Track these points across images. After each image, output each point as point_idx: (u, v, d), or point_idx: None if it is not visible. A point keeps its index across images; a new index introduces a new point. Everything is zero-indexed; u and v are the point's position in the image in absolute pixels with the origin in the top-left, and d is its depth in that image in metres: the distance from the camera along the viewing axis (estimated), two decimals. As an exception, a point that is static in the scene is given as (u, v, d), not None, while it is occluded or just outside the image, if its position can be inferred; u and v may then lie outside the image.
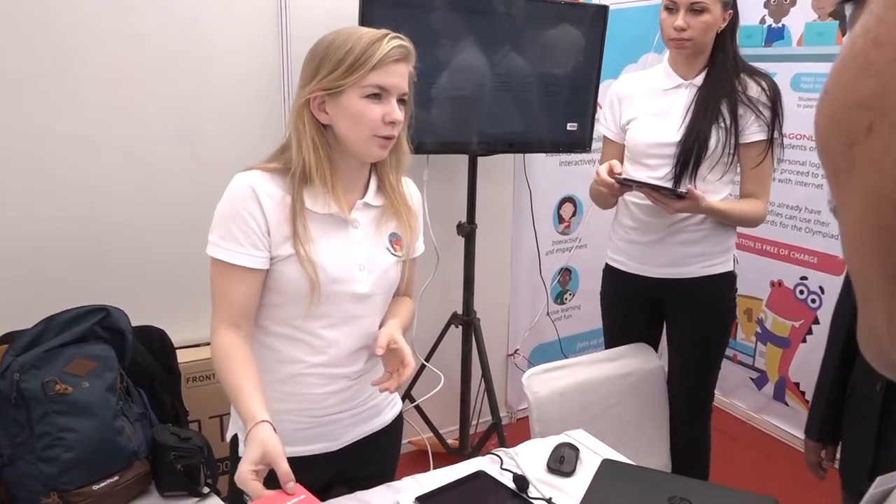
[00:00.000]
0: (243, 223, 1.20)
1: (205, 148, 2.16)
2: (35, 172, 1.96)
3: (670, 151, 1.87)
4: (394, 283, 1.35)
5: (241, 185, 1.21)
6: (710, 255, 1.94)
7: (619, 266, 2.05)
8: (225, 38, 2.15)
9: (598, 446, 1.53)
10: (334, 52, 1.19)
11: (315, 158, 1.21)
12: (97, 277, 2.06)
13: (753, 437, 3.09)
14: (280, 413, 1.29)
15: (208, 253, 1.23)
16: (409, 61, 1.24)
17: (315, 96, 1.21)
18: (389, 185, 1.33)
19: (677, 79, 1.91)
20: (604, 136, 2.06)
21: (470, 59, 2.29)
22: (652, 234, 1.94)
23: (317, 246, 1.23)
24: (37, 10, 1.88)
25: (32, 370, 1.69)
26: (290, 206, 1.22)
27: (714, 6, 1.79)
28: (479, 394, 2.64)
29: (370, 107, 1.19)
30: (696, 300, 1.96)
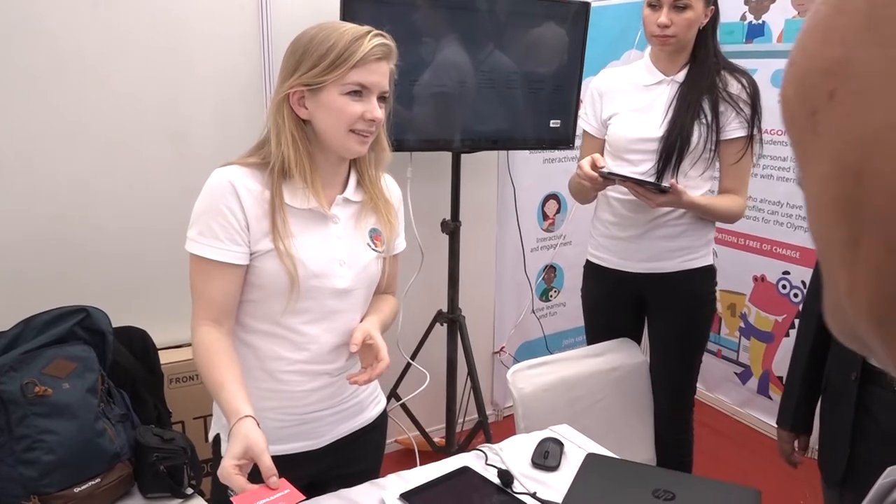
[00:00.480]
0: (222, 218, 1.19)
1: (189, 146, 2.15)
2: (13, 170, 1.93)
3: (652, 147, 1.88)
4: (374, 279, 1.35)
5: (219, 180, 1.20)
6: (691, 248, 1.95)
7: (599, 262, 2.05)
8: (207, 35, 2.13)
9: (582, 441, 1.54)
10: (316, 48, 1.18)
11: (294, 153, 1.20)
12: (77, 277, 2.04)
13: (738, 431, 3.11)
14: (263, 411, 1.28)
15: (187, 249, 1.22)
16: (391, 59, 1.24)
17: (295, 91, 1.20)
18: (369, 181, 1.33)
19: (659, 75, 1.91)
20: (584, 130, 2.06)
21: (452, 57, 2.29)
22: (633, 228, 1.95)
23: (296, 241, 1.22)
24: (20, 10, 1.86)
25: (11, 372, 1.67)
26: (269, 200, 1.21)
27: (696, 3, 1.80)
28: (466, 392, 2.64)
29: (350, 104, 1.19)
30: (676, 294, 1.97)
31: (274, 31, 2.19)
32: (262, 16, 2.19)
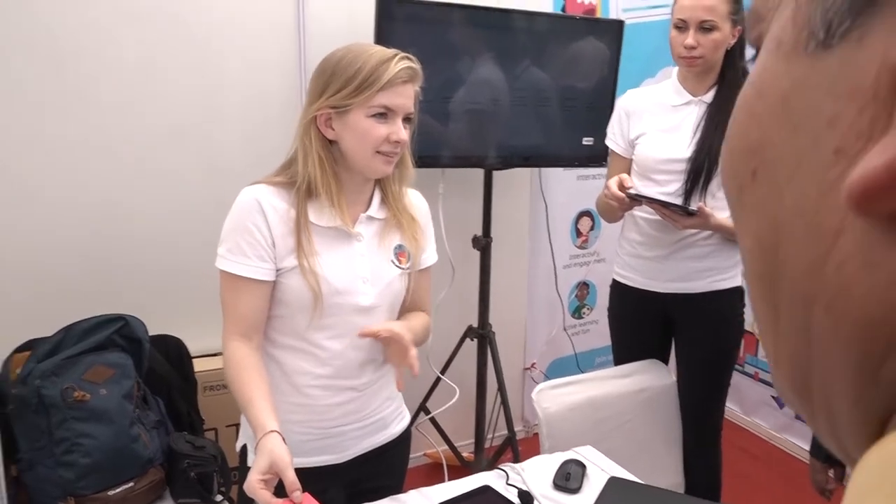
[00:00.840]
0: (249, 236, 1.23)
1: (223, 161, 2.20)
2: (56, 184, 2.01)
3: (680, 167, 1.87)
4: (398, 295, 1.36)
5: (247, 199, 1.24)
6: (719, 269, 1.93)
7: (626, 282, 2.04)
8: (243, 53, 2.19)
9: (605, 463, 1.52)
10: (343, 71, 1.21)
11: (321, 173, 1.24)
12: (116, 287, 2.11)
13: (775, 457, 3.04)
14: (288, 424, 1.30)
15: (217, 265, 1.26)
16: (417, 81, 1.26)
17: (322, 113, 1.23)
18: (393, 198, 1.35)
19: (687, 95, 1.91)
20: (611, 150, 2.06)
21: (486, 74, 2.31)
22: (660, 248, 1.93)
23: (320, 258, 1.25)
24: (59, 31, 1.94)
25: (52, 377, 1.73)
26: (294, 219, 1.24)
27: (723, 24, 1.79)
28: (495, 407, 2.63)
29: (376, 126, 1.22)
30: (704, 315, 1.95)
31: (310, 49, 2.24)
32: (298, 34, 2.24)
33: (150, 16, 2.04)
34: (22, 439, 1.75)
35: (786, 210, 0.24)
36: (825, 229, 0.22)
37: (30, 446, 1.74)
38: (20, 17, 1.89)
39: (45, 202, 2.00)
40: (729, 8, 1.79)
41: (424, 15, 2.20)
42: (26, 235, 1.99)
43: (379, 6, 2.09)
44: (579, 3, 2.75)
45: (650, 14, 2.93)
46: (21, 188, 1.97)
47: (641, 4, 2.90)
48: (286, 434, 1.30)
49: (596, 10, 2.79)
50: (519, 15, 2.35)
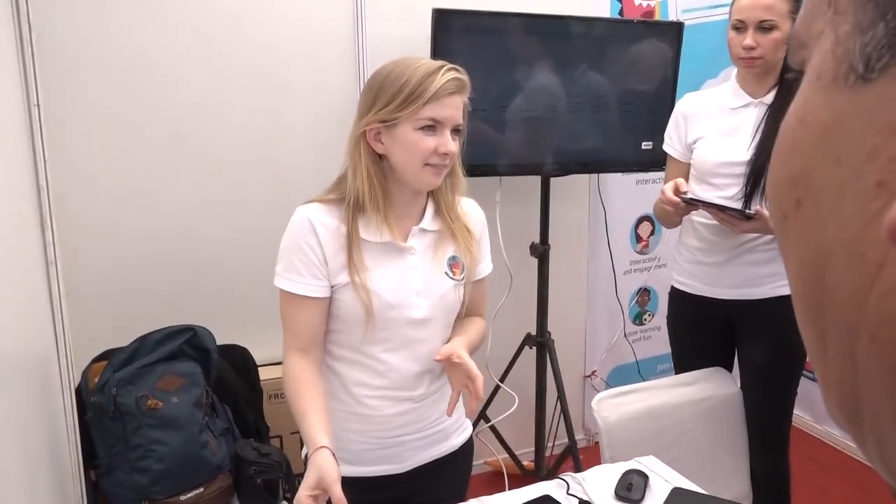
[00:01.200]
0: (302, 254, 1.26)
1: (288, 177, 2.26)
2: (131, 203, 2.10)
3: (739, 171, 1.82)
4: (453, 307, 1.37)
5: (299, 218, 1.28)
6: (781, 274, 1.87)
7: (685, 288, 2.00)
8: (304, 73, 2.25)
9: (668, 474, 1.50)
10: (390, 85, 1.22)
11: (368, 187, 1.25)
12: (186, 299, 2.19)
13: (849, 467, 2.91)
14: (348, 433, 1.33)
15: (275, 284, 1.29)
16: (464, 93, 1.26)
17: (371, 128, 1.25)
18: (446, 209, 1.35)
19: (746, 97, 1.86)
20: (668, 154, 2.02)
21: (543, 81, 2.31)
22: (720, 254, 1.89)
23: (372, 273, 1.27)
24: (134, 47, 2.03)
25: (128, 385, 1.81)
26: (345, 235, 1.26)
27: (783, 22, 1.74)
28: (555, 416, 2.62)
29: (424, 138, 1.22)
30: (768, 321, 1.89)
31: (369, 65, 2.28)
32: (357, 51, 2.29)
33: (218, 38, 2.12)
34: (100, 445, 1.83)
35: (829, 239, 0.24)
36: (868, 260, 0.22)
37: (107, 452, 1.82)
38: (98, 37, 1.98)
39: (120, 221, 2.10)
40: (789, 6, 1.74)
41: (481, 24, 2.21)
42: (101, 250, 2.08)
43: (435, 18, 2.11)
44: (637, 6, 2.71)
45: (710, 14, 2.87)
46: (98, 209, 2.07)
47: (701, 4, 2.84)
48: (346, 442, 1.33)
49: (655, 12, 2.75)
50: (576, 21, 2.34)
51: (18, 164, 1.52)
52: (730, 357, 2.04)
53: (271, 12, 2.17)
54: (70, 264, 1.97)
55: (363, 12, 2.27)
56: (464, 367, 1.27)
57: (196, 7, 2.09)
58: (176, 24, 2.07)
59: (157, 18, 2.04)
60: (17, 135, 1.51)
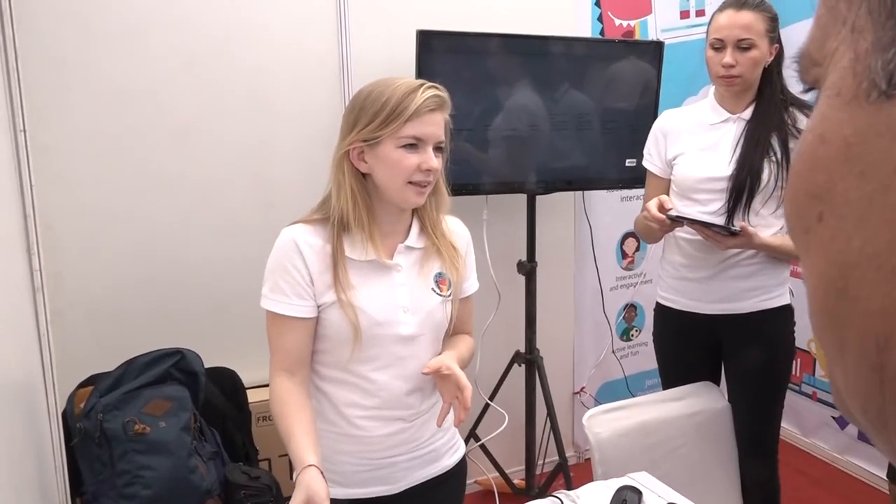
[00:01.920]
0: (288, 275, 1.26)
1: (276, 198, 2.26)
2: (115, 226, 2.09)
3: (721, 186, 1.85)
4: (441, 324, 1.37)
5: (284, 240, 1.29)
6: (765, 288, 1.90)
7: (670, 304, 2.01)
8: (291, 95, 2.26)
9: (662, 489, 1.50)
10: (372, 104, 1.24)
11: (353, 205, 1.27)
12: (172, 322, 2.17)
13: (837, 480, 2.93)
14: (339, 454, 1.32)
15: (261, 305, 1.30)
16: (445, 110, 1.28)
17: (354, 147, 1.26)
18: (431, 226, 1.36)
19: (725, 113, 1.89)
20: (648, 171, 2.04)
21: (526, 100, 2.33)
22: (704, 269, 1.91)
23: (359, 292, 1.27)
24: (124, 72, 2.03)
25: (114, 410, 1.79)
26: (330, 254, 1.27)
27: (761, 41, 1.77)
28: (545, 433, 2.61)
29: (406, 156, 1.24)
30: (753, 335, 1.91)
31: (354, 83, 2.30)
32: (342, 73, 2.31)
33: (204, 62, 2.13)
34: (86, 472, 1.81)
35: (854, 252, 0.24)
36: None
37: (93, 479, 1.79)
38: (84, 63, 1.98)
39: (105, 245, 2.08)
40: (766, 26, 1.78)
41: (464, 46, 2.24)
42: (86, 273, 2.07)
43: (419, 40, 2.14)
44: (618, 27, 2.76)
45: (689, 33, 2.92)
46: (83, 229, 2.05)
47: (679, 24, 2.89)
48: (338, 464, 1.32)
49: (634, 31, 2.80)
50: (557, 41, 2.38)
51: (4, 189, 1.51)
52: (716, 370, 2.06)
53: (257, 37, 2.19)
54: (54, 288, 1.95)
55: (348, 35, 2.29)
56: (453, 378, 1.28)
57: (182, 32, 2.09)
58: (162, 49, 2.07)
59: (143, 44, 2.05)
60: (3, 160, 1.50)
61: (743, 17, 1.77)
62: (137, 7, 2.03)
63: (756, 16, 1.77)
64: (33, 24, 1.88)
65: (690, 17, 2.93)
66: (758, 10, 1.78)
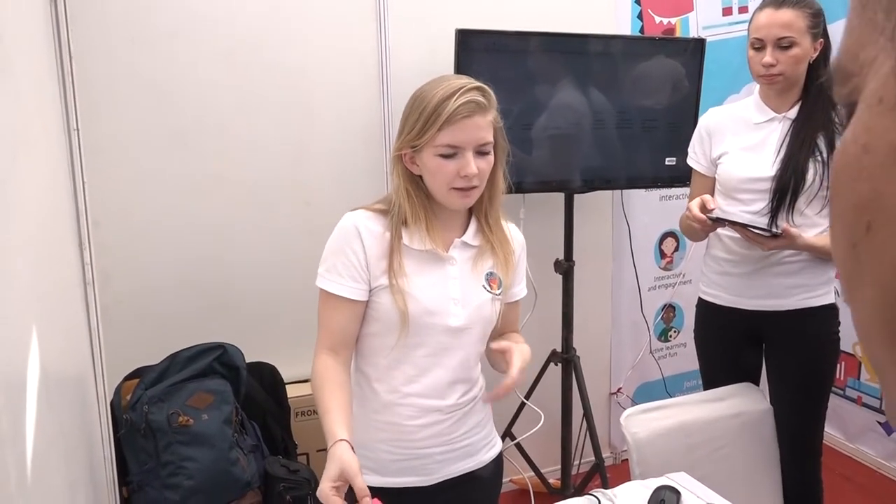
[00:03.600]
0: (345, 258, 1.30)
1: (314, 195, 2.30)
2: (160, 220, 2.15)
3: (765, 186, 1.82)
4: (490, 320, 1.38)
5: (347, 224, 1.32)
6: (810, 286, 1.87)
7: (712, 300, 1.99)
8: (331, 90, 2.29)
9: (701, 490, 1.48)
10: (414, 111, 1.27)
11: (409, 205, 1.30)
12: (215, 317, 2.22)
13: (883, 487, 2.86)
14: (376, 443, 1.35)
15: (317, 284, 1.33)
16: (485, 112, 1.27)
17: (404, 152, 1.30)
18: (487, 226, 1.38)
19: (770, 112, 1.86)
20: (693, 169, 2.02)
21: (565, 98, 2.33)
22: (748, 265, 1.88)
23: (412, 279, 1.30)
24: (164, 80, 2.09)
25: (159, 403, 1.84)
26: (388, 241, 1.30)
27: (803, 39, 1.74)
28: (581, 433, 2.60)
29: (444, 164, 1.25)
30: (796, 334, 1.89)
31: (393, 84, 2.32)
32: (381, 71, 2.33)
33: (246, 66, 2.17)
34: (132, 462, 1.86)
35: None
36: None
37: (139, 469, 1.84)
38: (131, 66, 2.04)
39: (149, 241, 2.14)
40: (808, 22, 1.75)
41: (503, 44, 2.24)
42: (132, 269, 2.12)
43: (458, 39, 2.14)
44: (658, 24, 2.73)
45: (731, 31, 2.88)
46: (129, 231, 2.11)
47: (721, 21, 2.85)
48: (374, 452, 1.35)
49: (675, 29, 2.77)
50: (597, 39, 2.36)
51: (61, 185, 1.56)
52: (758, 369, 2.03)
53: (296, 38, 2.22)
54: (102, 284, 2.01)
55: (387, 35, 2.31)
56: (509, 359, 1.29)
57: (225, 36, 2.14)
58: (203, 50, 2.12)
59: (188, 48, 2.10)
60: (59, 158, 1.55)
61: (782, 15, 1.74)
62: (180, 9, 2.08)
63: (796, 13, 1.74)
64: (85, 27, 1.94)
65: (733, 13, 2.88)
66: (798, 6, 1.74)
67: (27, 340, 0.95)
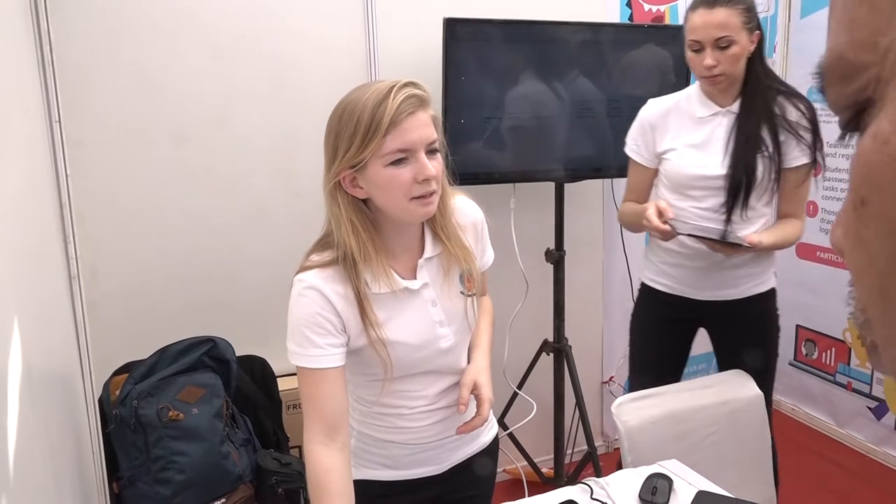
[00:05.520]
0: (318, 326, 1.17)
1: (303, 187, 2.28)
2: (147, 214, 2.13)
3: (716, 184, 1.84)
4: (473, 320, 1.36)
5: (307, 291, 1.18)
6: (756, 275, 1.93)
7: (661, 287, 2.00)
8: (319, 84, 2.27)
9: (692, 477, 1.49)
10: (346, 127, 1.13)
11: (356, 241, 1.16)
12: (204, 310, 2.20)
13: (873, 471, 2.88)
14: (388, 443, 1.34)
15: (293, 363, 1.20)
16: (426, 106, 1.15)
17: (344, 175, 1.15)
18: (441, 230, 1.28)
19: (713, 106, 1.86)
20: (632, 160, 2.00)
21: (554, 87, 2.32)
22: (702, 260, 1.90)
23: (392, 325, 1.22)
24: (148, 70, 2.06)
25: (149, 397, 1.83)
26: (354, 297, 1.19)
27: (740, 35, 1.74)
28: (574, 422, 2.61)
29: (398, 173, 1.12)
30: (743, 319, 1.94)
31: (382, 74, 2.30)
32: (369, 59, 2.31)
33: (231, 55, 2.15)
34: (122, 457, 1.85)
35: None
36: None
37: (129, 464, 1.83)
38: (114, 57, 2.02)
39: (136, 234, 2.12)
40: (743, 18, 1.74)
41: (491, 33, 2.23)
42: (120, 264, 2.11)
43: (446, 28, 2.13)
44: (647, 12, 2.72)
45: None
46: (115, 221, 2.09)
47: (710, 8, 2.84)
48: (387, 449, 1.34)
49: (664, 17, 2.76)
50: (586, 27, 2.35)
51: (42, 179, 1.54)
52: (687, 355, 2.09)
53: (283, 28, 2.20)
54: (89, 278, 1.99)
55: (374, 25, 2.30)
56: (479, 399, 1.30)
57: (210, 27, 2.11)
58: (189, 42, 2.10)
59: (172, 38, 2.07)
60: (40, 151, 1.53)
61: (717, 15, 1.72)
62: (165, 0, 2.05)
63: (730, 11, 1.73)
64: (65, 18, 1.91)
65: (721, 0, 2.88)
66: (731, 4, 1.73)
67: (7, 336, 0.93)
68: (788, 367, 3.36)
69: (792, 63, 3.12)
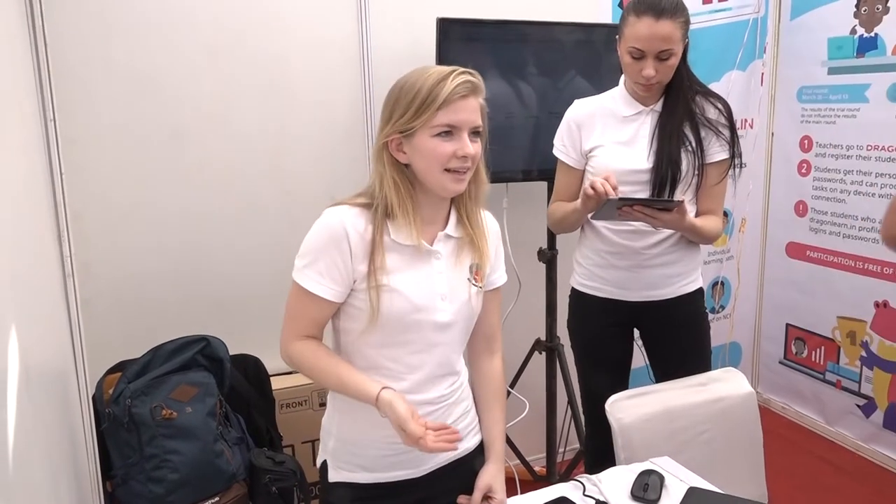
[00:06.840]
0: (330, 259, 1.26)
1: (295, 186, 2.29)
2: (141, 215, 2.13)
3: (643, 178, 1.88)
4: (474, 313, 1.38)
5: (333, 222, 1.27)
6: (684, 274, 1.98)
7: (593, 292, 2.02)
8: (312, 82, 2.28)
9: (684, 474, 1.50)
10: (405, 96, 1.24)
11: (396, 195, 1.27)
12: (198, 309, 2.20)
13: (862, 469, 2.91)
14: (366, 441, 1.34)
15: (293, 276, 1.29)
16: (478, 94, 1.27)
17: (392, 139, 1.27)
18: (468, 217, 1.36)
19: (637, 105, 1.91)
20: (560, 161, 2.02)
21: (546, 86, 2.33)
22: (631, 258, 1.93)
23: (400, 275, 1.28)
24: (141, 68, 2.06)
25: (142, 396, 1.83)
26: (369, 240, 1.27)
27: (678, 47, 1.78)
28: (566, 421, 2.62)
29: (441, 144, 1.23)
30: (674, 319, 1.99)
31: (374, 72, 2.31)
32: (362, 59, 2.32)
33: (225, 53, 2.15)
34: (115, 456, 1.84)
35: None
36: None
37: (122, 462, 1.83)
38: (108, 55, 2.01)
39: (129, 233, 2.12)
40: (682, 31, 1.79)
41: (484, 33, 2.24)
42: (115, 266, 2.11)
43: (440, 27, 2.13)
44: (638, 12, 2.73)
45: (712, 19, 2.90)
46: (109, 219, 2.09)
47: (702, 10, 2.86)
48: (365, 449, 1.34)
49: (655, 17, 2.77)
50: (579, 28, 2.37)
51: (37, 177, 1.54)
52: (630, 356, 2.13)
53: (277, 26, 2.20)
54: (82, 276, 1.99)
55: (368, 24, 2.30)
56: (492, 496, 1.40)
57: (203, 23, 2.11)
58: (182, 40, 2.09)
59: (165, 36, 2.07)
60: (35, 149, 1.53)
61: (663, 27, 1.74)
62: None
63: (674, 24, 1.75)
64: (60, 16, 1.90)
65: (713, 1, 2.90)
66: (674, 17, 1.75)
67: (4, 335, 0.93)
68: (778, 365, 3.39)
69: (782, 64, 3.15)
